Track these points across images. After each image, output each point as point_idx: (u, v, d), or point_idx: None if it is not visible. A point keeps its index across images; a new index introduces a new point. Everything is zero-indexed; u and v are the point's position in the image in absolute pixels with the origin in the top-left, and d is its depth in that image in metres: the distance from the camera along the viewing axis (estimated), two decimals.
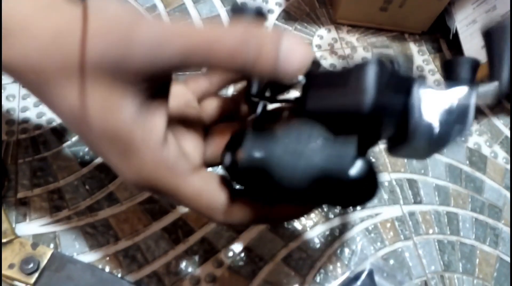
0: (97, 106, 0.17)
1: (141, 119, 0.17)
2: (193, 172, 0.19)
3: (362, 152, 0.17)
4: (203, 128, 0.22)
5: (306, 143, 0.16)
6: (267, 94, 0.21)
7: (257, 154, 0.16)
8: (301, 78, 0.17)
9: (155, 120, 0.18)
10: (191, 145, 0.21)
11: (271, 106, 0.21)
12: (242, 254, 0.33)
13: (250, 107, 0.22)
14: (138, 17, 0.17)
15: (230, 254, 0.33)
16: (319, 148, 0.16)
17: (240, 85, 0.23)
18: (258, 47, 0.16)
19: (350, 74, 0.16)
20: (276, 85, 0.21)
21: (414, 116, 0.16)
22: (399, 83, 0.16)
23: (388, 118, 0.16)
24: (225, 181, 0.20)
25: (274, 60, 0.16)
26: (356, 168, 0.16)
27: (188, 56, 0.16)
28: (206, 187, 0.19)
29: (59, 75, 0.17)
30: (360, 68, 0.16)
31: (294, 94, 0.20)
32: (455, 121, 0.16)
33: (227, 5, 0.45)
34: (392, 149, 0.19)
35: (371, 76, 0.16)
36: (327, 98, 0.17)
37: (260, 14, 0.20)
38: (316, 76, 0.18)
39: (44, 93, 0.17)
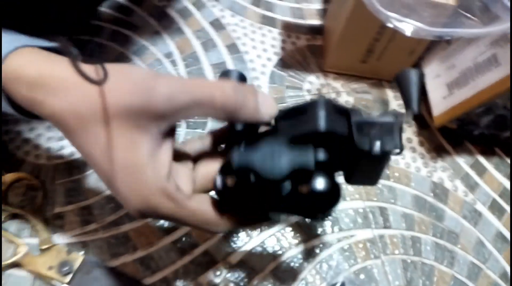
0: (121, 144, 0.22)
1: (154, 155, 0.23)
2: (188, 199, 0.24)
3: (330, 174, 0.24)
4: (192, 162, 0.28)
5: (279, 149, 0.23)
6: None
7: (245, 159, 0.22)
8: (272, 121, 0.24)
9: (164, 157, 0.24)
10: (184, 178, 0.26)
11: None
12: (238, 266, 0.40)
13: (232, 143, 0.27)
14: (156, 74, 0.22)
15: (228, 265, 0.40)
16: (288, 151, 0.23)
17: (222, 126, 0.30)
18: (243, 98, 0.23)
19: (307, 108, 0.23)
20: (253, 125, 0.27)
21: (355, 132, 0.23)
22: (341, 111, 0.24)
23: (338, 134, 0.23)
24: (214, 201, 0.26)
25: (255, 106, 0.24)
26: (320, 183, 0.23)
27: (195, 103, 0.22)
28: (199, 210, 0.25)
29: (95, 120, 0.22)
30: (313, 103, 0.23)
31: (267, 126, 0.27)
32: (384, 135, 0.23)
33: (232, 53, 0.53)
34: (348, 177, 0.27)
35: (322, 108, 0.23)
36: (294, 126, 0.24)
37: (241, 77, 0.27)
38: (282, 112, 0.25)
39: (79, 135, 0.22)
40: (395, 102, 0.53)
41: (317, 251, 0.42)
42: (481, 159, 0.50)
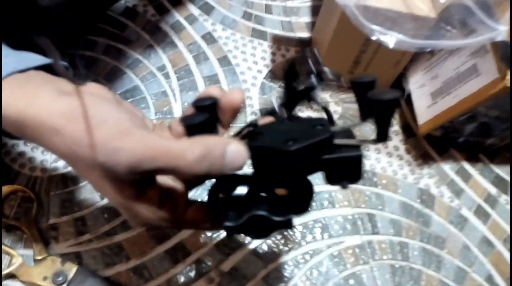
0: (108, 190, 0.24)
1: (142, 194, 0.24)
2: (184, 214, 0.28)
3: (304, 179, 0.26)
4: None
5: (263, 214, 0.25)
6: None
7: (236, 230, 0.25)
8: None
9: (152, 191, 0.25)
10: (177, 193, 0.28)
11: None
12: (230, 273, 0.41)
13: None
14: (124, 131, 0.22)
15: (220, 273, 0.40)
16: (271, 217, 0.25)
17: None
18: (209, 164, 0.22)
19: (281, 156, 0.24)
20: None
21: (324, 173, 0.24)
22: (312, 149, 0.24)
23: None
24: (205, 209, 0.29)
25: (222, 167, 0.23)
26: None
27: (160, 170, 0.22)
28: (194, 220, 0.28)
29: (81, 165, 0.23)
30: (287, 154, 0.23)
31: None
32: (351, 170, 0.24)
33: (223, 66, 0.54)
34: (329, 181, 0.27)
35: (295, 160, 0.23)
36: (270, 168, 0.25)
37: (213, 108, 0.27)
38: (258, 149, 0.25)
39: (75, 169, 0.24)
40: None
41: (307, 257, 0.43)
42: (466, 166, 0.52)
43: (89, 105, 0.22)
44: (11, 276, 0.37)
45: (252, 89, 0.53)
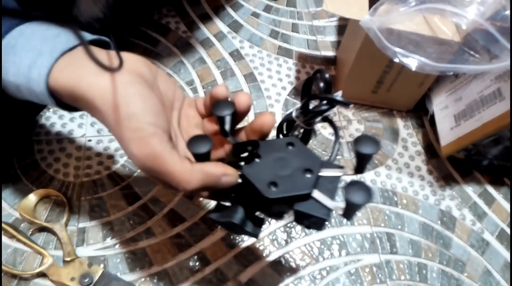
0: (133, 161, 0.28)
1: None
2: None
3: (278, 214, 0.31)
4: None
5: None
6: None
7: (213, 219, 0.30)
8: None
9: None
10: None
11: None
12: (247, 284, 0.42)
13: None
14: (143, 142, 0.26)
15: (237, 283, 0.41)
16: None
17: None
18: (206, 187, 0.28)
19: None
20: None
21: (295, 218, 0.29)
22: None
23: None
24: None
25: (214, 188, 0.28)
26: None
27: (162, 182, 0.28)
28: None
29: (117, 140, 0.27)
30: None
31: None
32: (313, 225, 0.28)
33: (249, 82, 0.56)
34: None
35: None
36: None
37: (233, 116, 0.30)
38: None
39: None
40: (405, 131, 0.55)
41: (324, 273, 0.43)
42: (490, 189, 0.51)
43: (121, 90, 0.26)
44: (42, 274, 0.39)
45: (276, 105, 0.55)
